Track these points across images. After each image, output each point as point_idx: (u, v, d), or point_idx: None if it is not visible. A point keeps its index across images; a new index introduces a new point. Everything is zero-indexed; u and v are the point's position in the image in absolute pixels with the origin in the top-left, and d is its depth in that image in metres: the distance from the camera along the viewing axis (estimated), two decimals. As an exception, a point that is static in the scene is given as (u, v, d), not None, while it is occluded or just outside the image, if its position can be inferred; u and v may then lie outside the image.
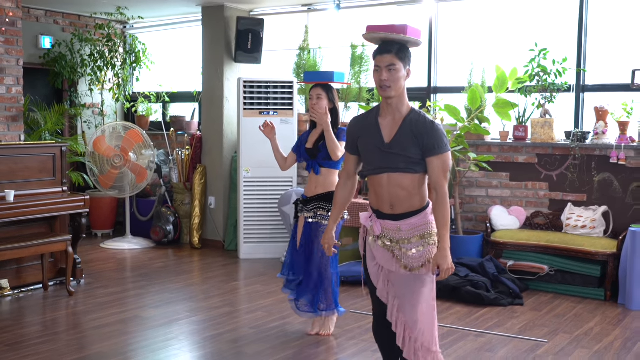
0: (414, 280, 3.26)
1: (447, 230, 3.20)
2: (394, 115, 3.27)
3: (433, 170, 3.21)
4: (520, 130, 6.74)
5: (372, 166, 3.29)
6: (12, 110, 6.64)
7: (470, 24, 7.31)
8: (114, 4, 8.25)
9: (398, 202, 3.24)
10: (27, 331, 5.04)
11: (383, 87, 3.22)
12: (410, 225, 3.24)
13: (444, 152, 3.20)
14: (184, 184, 8.35)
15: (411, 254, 3.21)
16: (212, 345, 4.75)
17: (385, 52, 3.23)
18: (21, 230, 6.06)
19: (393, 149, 3.21)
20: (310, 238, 4.78)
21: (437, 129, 3.20)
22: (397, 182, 3.22)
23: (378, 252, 3.32)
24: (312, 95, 4.77)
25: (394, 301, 3.31)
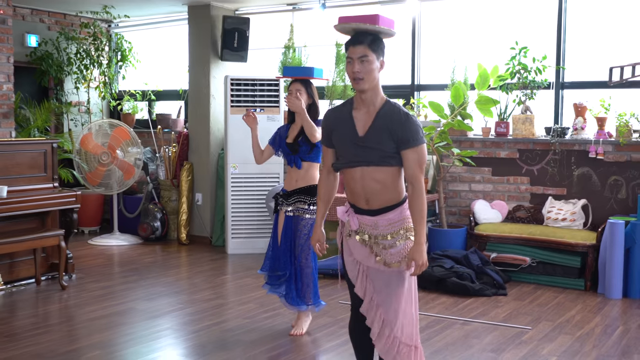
0: (393, 276, 3.21)
1: (423, 225, 3.13)
2: (367, 108, 3.19)
3: (409, 163, 3.13)
4: (501, 126, 6.94)
5: (345, 159, 3.22)
6: (3, 107, 6.71)
7: (453, 22, 7.51)
8: (100, 2, 8.32)
9: (373, 197, 3.18)
10: (24, 323, 5.13)
11: (356, 79, 3.14)
12: (388, 220, 3.19)
13: (419, 145, 3.12)
14: (171, 181, 8.44)
15: (389, 250, 3.17)
16: (209, 334, 4.88)
17: (358, 43, 3.15)
18: (13, 226, 6.12)
19: (367, 142, 3.14)
20: (291, 232, 4.82)
21: (412, 121, 3.12)
22: (371, 176, 3.15)
23: (355, 247, 3.27)
24: (292, 90, 4.79)
25: (372, 297, 3.25)
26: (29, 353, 4.45)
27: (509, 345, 4.66)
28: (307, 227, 4.75)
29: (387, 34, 3.23)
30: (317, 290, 4.88)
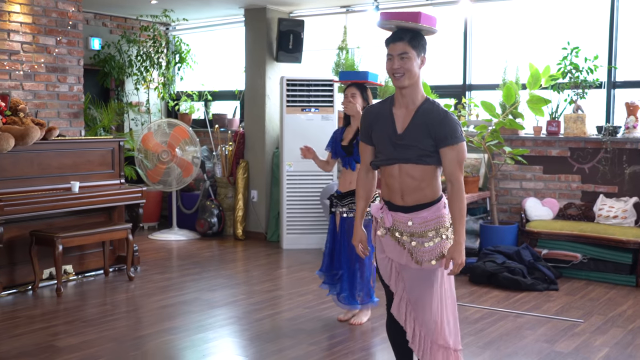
0: (426, 275, 3.16)
1: (462, 224, 3.10)
2: (407, 106, 3.15)
3: (447, 161, 3.09)
4: (553, 125, 7.05)
5: (384, 157, 3.19)
6: (74, 107, 7.07)
7: (505, 23, 7.63)
8: (160, 6, 8.66)
9: (409, 193, 3.14)
10: (96, 310, 5.45)
11: (396, 75, 3.10)
12: (422, 218, 3.14)
13: (458, 143, 3.07)
14: (228, 179, 8.74)
15: (422, 248, 3.12)
16: (270, 322, 5.13)
17: (398, 40, 3.10)
18: (82, 220, 6.47)
19: (405, 140, 3.11)
20: (346, 232, 5.01)
21: (450, 118, 3.08)
22: (408, 173, 3.12)
23: (388, 245, 3.23)
24: (347, 94, 4.97)
25: (403, 295, 3.22)
26: (104, 337, 4.75)
27: (562, 337, 4.80)
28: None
29: (428, 31, 3.16)
30: (370, 288, 5.02)
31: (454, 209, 3.11)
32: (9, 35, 6.49)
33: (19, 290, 5.91)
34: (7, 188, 5.81)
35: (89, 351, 4.46)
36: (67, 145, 6.31)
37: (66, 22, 6.89)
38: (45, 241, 5.82)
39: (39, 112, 6.72)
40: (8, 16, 6.48)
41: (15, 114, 5.94)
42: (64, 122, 6.99)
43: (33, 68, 6.70)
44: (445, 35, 7.83)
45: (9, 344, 4.60)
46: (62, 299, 5.73)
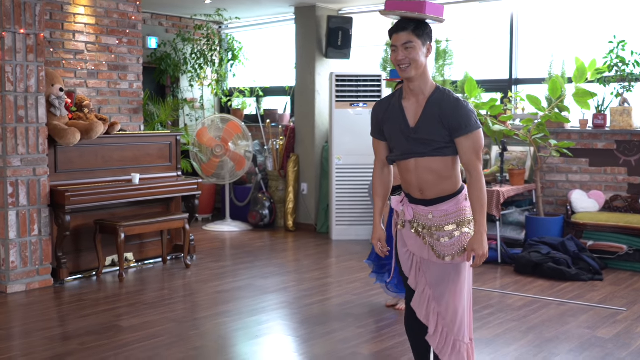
0: (447, 269, 3.10)
1: (483, 214, 3.00)
2: (417, 97, 3.05)
3: (463, 151, 2.99)
4: (599, 118, 7.12)
5: (398, 152, 3.11)
6: (134, 104, 7.44)
7: (551, 17, 7.72)
8: (214, 6, 8.98)
9: (428, 187, 3.06)
10: (156, 294, 5.79)
11: (401, 67, 2.98)
12: (443, 211, 3.07)
13: (473, 131, 2.97)
14: (279, 172, 9.02)
15: (444, 242, 3.06)
16: (320, 307, 5.37)
17: (401, 30, 2.98)
18: (141, 210, 6.81)
19: (418, 133, 3.01)
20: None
21: (463, 106, 2.97)
22: (425, 167, 3.03)
23: (409, 238, 3.17)
24: None
25: (425, 289, 3.14)
26: (164, 319, 5.07)
27: (604, 324, 4.92)
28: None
29: (434, 21, 3.04)
30: None
31: (473, 198, 3.01)
32: (74, 36, 6.89)
33: (84, 276, 6.29)
34: (74, 179, 6.19)
35: (150, 331, 4.77)
36: (128, 140, 6.66)
37: (126, 23, 7.26)
38: (109, 229, 6.17)
39: (102, 108, 7.11)
40: (73, 18, 6.87)
41: (80, 110, 6.32)
42: (125, 117, 7.37)
43: (96, 66, 7.08)
44: (492, 30, 7.96)
45: (77, 324, 4.95)
46: (124, 284, 6.07)
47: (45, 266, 5.94)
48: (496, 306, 5.37)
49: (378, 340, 4.62)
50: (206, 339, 4.67)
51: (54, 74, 6.15)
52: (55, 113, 6.04)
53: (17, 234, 5.74)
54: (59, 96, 6.05)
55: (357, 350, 4.41)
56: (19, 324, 5.03)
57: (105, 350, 4.37)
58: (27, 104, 5.76)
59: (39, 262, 5.90)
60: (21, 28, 5.69)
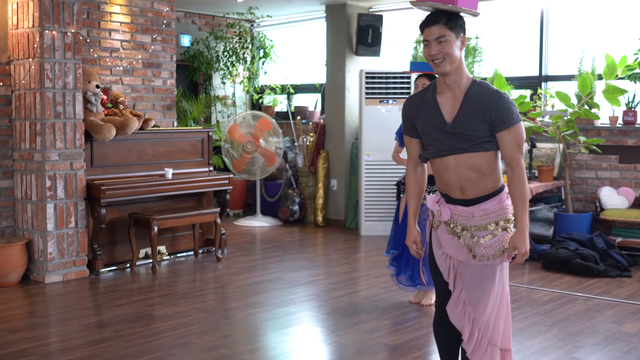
0: (485, 272, 2.98)
1: (525, 210, 2.89)
2: (453, 91, 2.94)
3: (506, 145, 2.89)
4: (629, 115, 7.10)
5: (435, 149, 2.98)
6: (167, 100, 7.62)
7: (581, 14, 7.71)
8: (246, 4, 9.13)
9: (469, 186, 2.94)
10: (188, 286, 5.94)
11: (435, 62, 2.88)
12: (484, 210, 2.95)
13: (515, 124, 2.87)
14: (309, 168, 9.14)
15: (484, 243, 2.94)
16: (348, 300, 5.48)
17: (433, 24, 2.87)
18: (174, 204, 6.98)
19: (457, 128, 2.90)
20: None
21: (505, 99, 2.88)
22: (466, 164, 2.91)
23: (446, 239, 3.04)
24: (418, 85, 5.03)
25: (461, 293, 3.02)
26: (196, 309, 5.21)
27: (630, 319, 4.95)
28: (426, 212, 5.09)
29: (468, 14, 2.94)
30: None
31: (515, 194, 2.90)
32: (110, 34, 7.08)
33: (118, 268, 6.46)
34: (109, 174, 6.37)
35: (182, 320, 4.92)
36: (162, 135, 6.83)
37: (160, 21, 7.43)
38: (143, 223, 6.33)
39: (136, 105, 7.29)
40: (109, 16, 7.06)
41: (116, 106, 6.50)
42: (158, 113, 7.54)
43: (131, 64, 7.26)
44: (522, 26, 7.97)
45: (112, 312, 5.11)
46: (157, 276, 6.24)
47: (81, 257, 6.13)
48: (523, 300, 5.42)
49: (403, 331, 4.70)
50: (236, 328, 4.81)
51: (91, 71, 6.34)
52: (92, 109, 6.22)
53: (54, 226, 5.94)
54: (95, 93, 6.23)
55: (382, 340, 4.51)
56: (57, 312, 5.22)
57: (139, 338, 4.52)
58: (64, 101, 5.95)
59: (76, 254, 6.08)
60: (60, 27, 5.88)
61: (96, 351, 4.28)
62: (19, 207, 6.09)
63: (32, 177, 5.95)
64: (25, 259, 5.93)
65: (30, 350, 4.28)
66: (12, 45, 6.04)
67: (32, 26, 5.84)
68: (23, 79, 5.95)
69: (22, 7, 5.92)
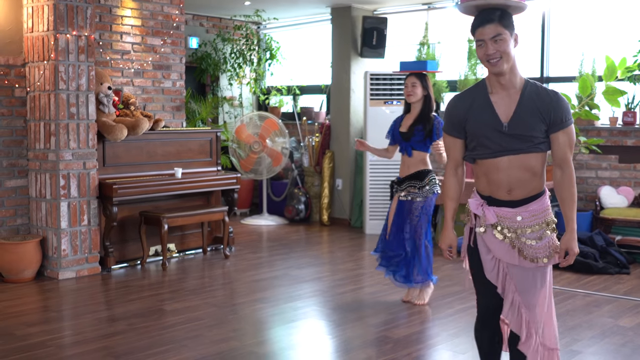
0: (535, 273, 2.97)
1: (575, 211, 2.91)
2: (508, 91, 2.91)
3: (559, 146, 2.88)
4: (629, 115, 7.24)
5: (488, 149, 2.92)
6: (176, 101, 7.79)
7: (581, 16, 7.86)
8: (252, 7, 9.29)
9: (518, 186, 2.92)
10: (197, 282, 6.11)
11: (492, 61, 2.84)
12: (531, 212, 2.92)
13: (570, 125, 2.88)
14: (314, 168, 9.31)
15: (534, 244, 2.92)
16: (352, 295, 5.64)
17: (487, 22, 2.82)
18: (183, 203, 7.15)
19: (514, 129, 2.86)
20: (403, 215, 5.20)
21: (563, 99, 2.87)
22: (520, 164, 2.89)
23: (493, 243, 2.98)
24: (407, 84, 5.17)
25: (514, 297, 2.99)
26: (205, 304, 5.38)
27: (627, 314, 5.10)
28: (419, 210, 5.16)
29: (518, 8, 2.89)
30: (430, 268, 5.25)
31: (565, 194, 2.91)
32: (121, 37, 7.25)
33: (129, 265, 6.64)
34: (120, 173, 6.55)
35: (192, 314, 5.08)
36: (171, 136, 7.01)
37: (170, 24, 7.60)
38: (153, 221, 6.50)
39: (147, 106, 7.46)
40: (121, 20, 7.24)
41: (127, 107, 6.67)
42: (168, 114, 7.71)
43: (142, 66, 7.43)
44: (523, 28, 8.11)
45: (124, 307, 5.28)
46: (167, 273, 6.41)
47: (93, 254, 6.30)
48: (522, 296, 5.56)
49: (406, 326, 4.86)
50: (244, 322, 4.97)
51: (103, 73, 6.51)
52: (104, 110, 6.40)
53: (68, 224, 6.11)
54: (107, 94, 6.41)
55: (386, 334, 4.67)
56: (70, 307, 5.39)
57: (151, 331, 4.69)
58: (78, 102, 6.13)
59: (88, 251, 6.26)
60: (74, 30, 6.05)
61: (110, 343, 4.45)
62: (34, 206, 6.27)
63: (47, 176, 6.13)
64: (40, 256, 6.11)
65: (47, 343, 4.45)
66: (27, 48, 6.22)
67: (47, 30, 6.02)
68: (38, 81, 6.13)
69: (37, 11, 6.10)
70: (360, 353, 4.31)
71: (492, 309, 3.07)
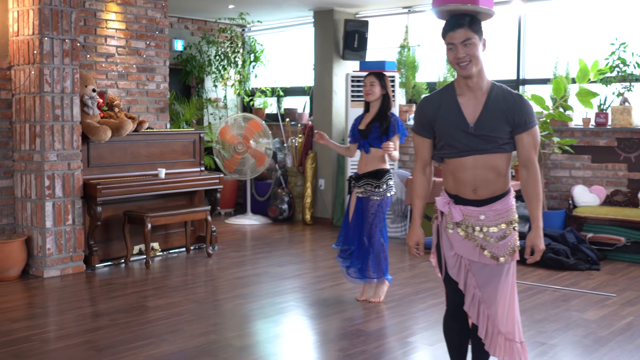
0: (497, 270, 3.08)
1: (540, 210, 3.04)
2: (475, 93, 3.02)
3: (524, 146, 3.00)
4: (601, 116, 7.46)
5: (455, 149, 3.03)
6: (160, 103, 7.94)
7: (556, 20, 8.08)
8: (237, 10, 9.46)
9: (483, 186, 3.03)
10: (180, 280, 6.27)
11: (461, 65, 2.96)
12: (495, 211, 3.03)
13: (534, 126, 3.00)
14: (297, 168, 9.48)
15: (496, 243, 3.03)
16: (330, 291, 5.81)
17: (458, 27, 2.96)
18: (167, 203, 7.29)
19: (480, 129, 2.97)
20: (360, 211, 5.32)
21: (526, 102, 3.00)
22: (485, 164, 3.00)
23: (457, 240, 3.10)
24: (366, 83, 5.29)
25: (475, 292, 3.11)
26: (187, 300, 5.53)
27: (592, 307, 5.30)
28: (375, 207, 5.28)
29: (486, 14, 3.04)
30: (385, 265, 5.35)
31: (531, 193, 3.04)
32: (106, 40, 7.39)
33: (113, 263, 6.78)
34: (105, 173, 6.69)
35: (174, 310, 5.24)
36: (155, 137, 7.16)
37: (154, 28, 7.75)
38: (137, 220, 6.65)
39: (131, 108, 7.60)
40: (105, 23, 7.38)
41: (111, 109, 6.82)
42: (152, 116, 7.86)
43: (126, 69, 7.58)
44: (500, 32, 8.32)
45: (107, 304, 5.44)
46: (150, 271, 6.56)
47: (78, 253, 6.45)
48: (494, 292, 5.75)
49: (380, 318, 5.04)
50: (225, 317, 5.14)
51: (87, 75, 6.66)
52: (88, 112, 6.54)
53: (53, 223, 6.25)
54: (91, 96, 6.55)
55: (359, 327, 4.84)
56: (55, 303, 5.54)
57: (133, 326, 4.85)
58: (63, 104, 6.27)
59: (73, 250, 6.40)
60: (58, 34, 6.20)
61: (92, 338, 4.60)
62: (19, 205, 6.41)
63: (32, 176, 6.27)
64: (25, 255, 6.25)
65: (31, 337, 4.60)
66: (13, 52, 6.36)
67: (32, 33, 6.17)
68: (23, 84, 6.27)
69: (23, 15, 6.24)
70: (335, 345, 4.48)
71: (460, 303, 3.18)
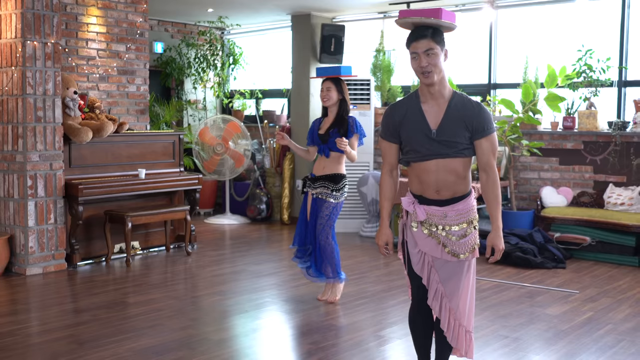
0: (459, 266, 3.27)
1: (500, 211, 3.22)
2: (437, 101, 3.20)
3: (483, 152, 3.18)
4: (568, 120, 7.73)
5: (419, 153, 3.21)
6: (140, 105, 8.10)
7: (525, 27, 8.35)
8: (216, 13, 9.63)
9: (445, 187, 3.21)
10: (160, 277, 6.44)
11: (424, 73, 3.12)
12: (457, 211, 3.22)
13: (492, 133, 3.17)
14: (275, 169, 9.67)
15: (457, 240, 3.21)
16: (305, 288, 6.00)
17: (421, 38, 3.11)
18: (147, 202, 7.45)
19: (441, 135, 3.15)
20: (315, 212, 5.41)
21: (485, 110, 3.17)
22: (446, 168, 3.18)
23: (421, 238, 3.27)
24: (323, 88, 5.37)
25: (437, 287, 3.29)
26: (167, 296, 5.71)
27: (555, 303, 5.55)
28: (329, 209, 5.36)
29: (448, 27, 3.18)
30: (338, 265, 5.46)
31: (490, 196, 3.22)
32: (87, 44, 7.55)
33: (94, 261, 6.93)
34: (86, 174, 6.85)
35: (154, 306, 5.42)
36: (135, 138, 7.32)
37: (135, 31, 7.92)
38: (117, 219, 6.81)
39: (112, 109, 7.77)
40: (86, 27, 7.54)
41: (92, 111, 6.98)
42: (132, 117, 8.03)
43: (107, 71, 7.74)
44: (472, 38, 8.58)
45: (88, 300, 5.60)
46: (131, 269, 6.72)
47: (60, 251, 6.59)
48: (463, 289, 5.98)
49: (353, 314, 5.25)
50: (202, 312, 5.32)
51: (69, 78, 6.81)
52: (70, 114, 6.70)
53: (35, 222, 6.40)
54: (73, 98, 6.70)
55: (332, 322, 5.05)
56: (37, 300, 5.69)
57: (114, 320, 5.02)
58: (45, 106, 6.42)
59: (55, 248, 6.54)
60: (41, 37, 6.34)
61: (74, 332, 4.77)
62: (2, 205, 6.54)
63: (14, 176, 6.41)
64: (8, 253, 6.38)
65: (15, 332, 4.75)
66: (-5, 54, 6.50)
67: (15, 37, 6.31)
68: (6, 86, 6.41)
69: (5, 19, 6.38)
70: (307, 339, 4.69)
71: (424, 298, 3.37)
